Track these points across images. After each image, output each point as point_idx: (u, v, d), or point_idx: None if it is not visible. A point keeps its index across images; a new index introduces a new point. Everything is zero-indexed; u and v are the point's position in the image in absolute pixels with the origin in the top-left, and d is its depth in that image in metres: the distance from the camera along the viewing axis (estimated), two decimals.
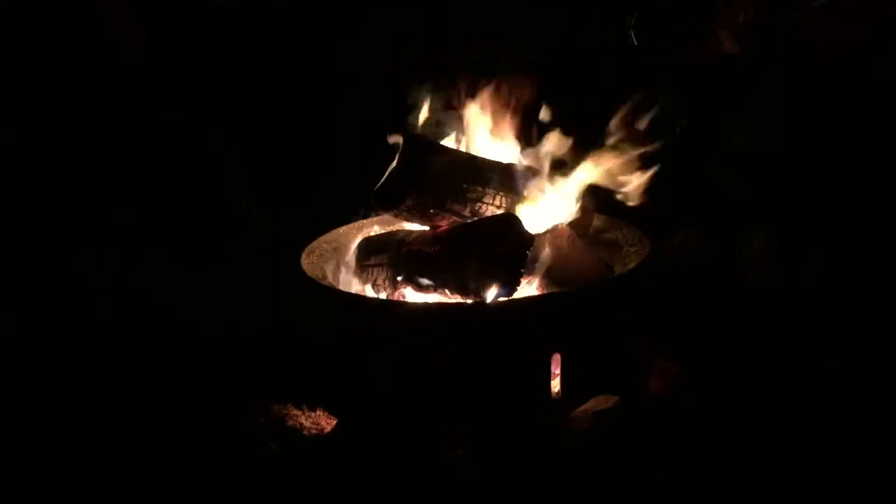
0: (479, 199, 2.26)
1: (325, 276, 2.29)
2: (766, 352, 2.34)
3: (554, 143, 2.40)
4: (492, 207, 2.28)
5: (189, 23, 3.40)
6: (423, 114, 2.47)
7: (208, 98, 3.30)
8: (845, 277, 2.61)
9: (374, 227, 2.57)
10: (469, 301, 2.06)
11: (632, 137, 2.37)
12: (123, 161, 3.13)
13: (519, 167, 2.34)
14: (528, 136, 2.47)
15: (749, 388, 2.19)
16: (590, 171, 2.35)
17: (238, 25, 3.45)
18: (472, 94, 2.47)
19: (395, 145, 2.26)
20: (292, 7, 3.46)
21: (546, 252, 2.17)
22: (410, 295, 2.19)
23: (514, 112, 2.49)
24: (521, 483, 1.92)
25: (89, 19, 3.04)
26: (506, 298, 2.04)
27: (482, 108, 2.46)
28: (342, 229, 2.55)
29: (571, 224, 2.32)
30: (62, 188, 3.05)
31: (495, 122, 2.48)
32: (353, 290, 2.26)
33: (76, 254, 2.95)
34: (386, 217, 2.48)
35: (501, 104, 2.48)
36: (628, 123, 2.40)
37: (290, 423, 2.18)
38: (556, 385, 2.13)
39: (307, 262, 2.30)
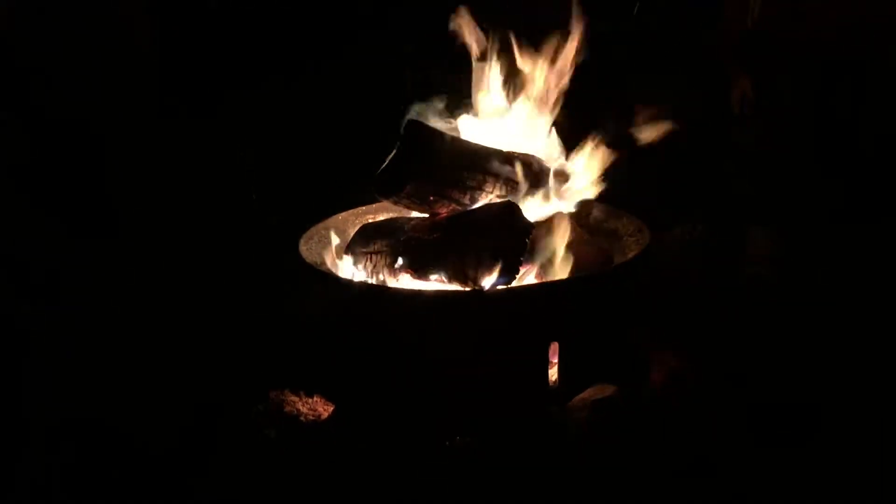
0: (480, 187, 2.25)
1: (323, 262, 2.28)
2: (764, 347, 2.34)
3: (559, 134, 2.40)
4: (492, 195, 2.27)
5: (196, 24, 3.41)
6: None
7: (216, 95, 3.31)
8: (847, 277, 2.61)
9: (374, 214, 2.56)
10: (467, 288, 2.06)
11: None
12: (131, 159, 3.13)
13: (521, 156, 2.33)
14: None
15: (748, 383, 2.19)
16: (590, 161, 2.35)
17: (242, 26, 3.46)
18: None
19: (397, 132, 2.25)
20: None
21: (545, 240, 2.16)
22: (409, 281, 2.18)
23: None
24: (519, 470, 1.92)
25: (99, 19, 3.03)
26: (504, 286, 2.03)
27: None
28: (341, 216, 2.54)
29: (571, 213, 2.31)
30: (69, 185, 3.04)
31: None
32: (352, 276, 2.25)
33: (79, 247, 2.94)
34: (385, 204, 2.47)
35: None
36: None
37: (288, 409, 2.18)
38: (553, 374, 2.12)
39: (305, 248, 2.30)
